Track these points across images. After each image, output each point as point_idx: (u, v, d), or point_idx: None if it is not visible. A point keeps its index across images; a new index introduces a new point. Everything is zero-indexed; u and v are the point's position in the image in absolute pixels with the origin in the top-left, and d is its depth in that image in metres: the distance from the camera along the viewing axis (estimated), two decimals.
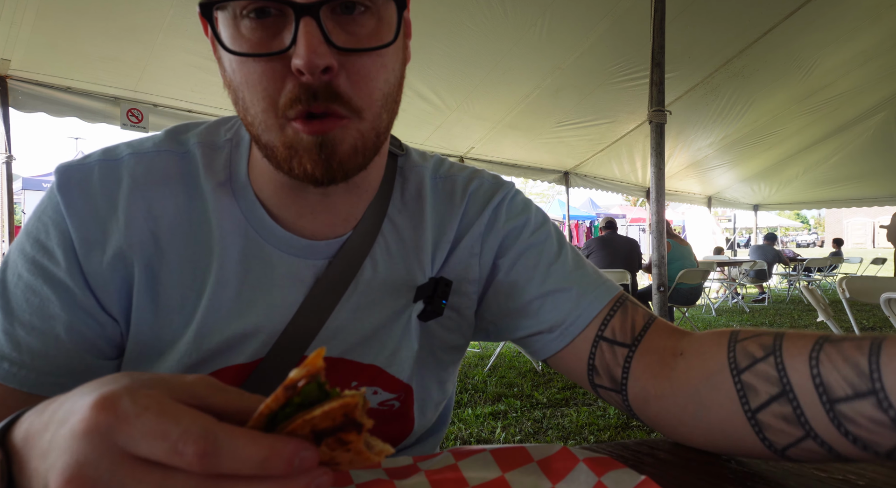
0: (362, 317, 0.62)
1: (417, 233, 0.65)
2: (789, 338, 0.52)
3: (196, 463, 0.26)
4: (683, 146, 7.06)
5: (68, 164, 0.57)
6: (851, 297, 2.46)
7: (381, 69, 0.50)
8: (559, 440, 2.96)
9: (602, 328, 0.63)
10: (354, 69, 0.48)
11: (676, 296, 5.35)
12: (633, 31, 4.06)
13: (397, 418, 0.67)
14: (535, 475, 0.49)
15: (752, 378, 0.51)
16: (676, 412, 0.57)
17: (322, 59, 0.44)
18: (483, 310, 0.69)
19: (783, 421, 0.49)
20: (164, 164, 0.59)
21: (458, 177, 0.70)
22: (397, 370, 0.64)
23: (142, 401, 0.27)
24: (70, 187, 0.56)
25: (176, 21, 3.17)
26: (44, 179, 10.49)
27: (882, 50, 5.47)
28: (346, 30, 0.47)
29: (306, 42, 0.44)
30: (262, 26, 0.47)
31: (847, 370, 0.46)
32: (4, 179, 3.41)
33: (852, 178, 8.98)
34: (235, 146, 0.62)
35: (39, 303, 0.53)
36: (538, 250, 0.68)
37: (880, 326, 6.24)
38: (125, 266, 0.56)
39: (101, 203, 0.56)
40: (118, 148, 0.60)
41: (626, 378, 0.61)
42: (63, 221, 0.54)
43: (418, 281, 0.64)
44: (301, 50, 0.44)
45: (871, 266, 10.93)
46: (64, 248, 0.54)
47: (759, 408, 0.50)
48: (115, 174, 0.57)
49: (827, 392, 0.46)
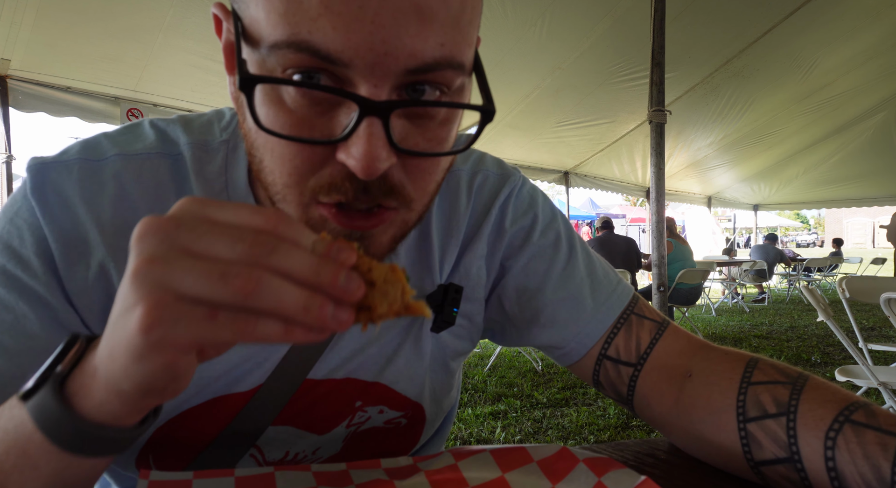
0: (368, 334, 0.58)
1: (422, 239, 0.60)
2: (807, 400, 0.49)
3: (255, 240, 0.28)
4: (683, 146, 7.06)
5: (42, 162, 0.49)
6: (851, 297, 2.46)
7: (440, 164, 0.42)
8: (559, 440, 2.95)
9: (605, 346, 0.61)
10: (413, 164, 0.40)
11: (676, 296, 5.35)
12: (633, 31, 4.06)
13: (404, 433, 0.65)
14: (535, 475, 0.49)
15: (759, 431, 0.50)
16: (679, 434, 0.57)
17: (383, 164, 0.36)
18: (488, 313, 0.66)
19: (789, 482, 0.48)
20: (154, 171, 0.51)
21: (462, 172, 0.64)
22: (405, 388, 0.61)
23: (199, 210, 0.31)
24: (45, 191, 0.47)
25: (176, 21, 3.17)
26: None
27: (882, 49, 5.47)
28: (415, 123, 0.39)
29: (368, 147, 0.35)
30: (311, 100, 0.37)
31: (866, 469, 0.43)
32: (4, 179, 3.41)
33: (852, 178, 8.98)
34: (233, 149, 0.53)
35: (13, 321, 0.46)
36: (548, 254, 0.64)
37: (880, 326, 6.24)
38: (110, 283, 0.48)
39: (82, 210, 0.48)
40: (100, 144, 0.51)
41: (632, 395, 0.60)
42: (39, 228, 0.47)
43: (427, 289, 0.60)
44: (359, 152, 0.35)
45: (871, 266, 10.92)
46: (41, 257, 0.46)
47: (764, 463, 0.49)
48: (99, 177, 0.49)
49: (839, 479, 0.45)
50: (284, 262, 0.28)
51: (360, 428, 0.61)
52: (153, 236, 0.28)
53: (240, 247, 0.28)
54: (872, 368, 2.28)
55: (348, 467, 0.51)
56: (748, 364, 0.54)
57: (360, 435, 0.62)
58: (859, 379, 2.32)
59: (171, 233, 0.28)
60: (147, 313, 0.27)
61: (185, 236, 0.28)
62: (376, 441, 0.64)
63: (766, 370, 0.53)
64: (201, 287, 0.27)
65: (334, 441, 0.61)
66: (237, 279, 0.27)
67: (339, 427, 0.60)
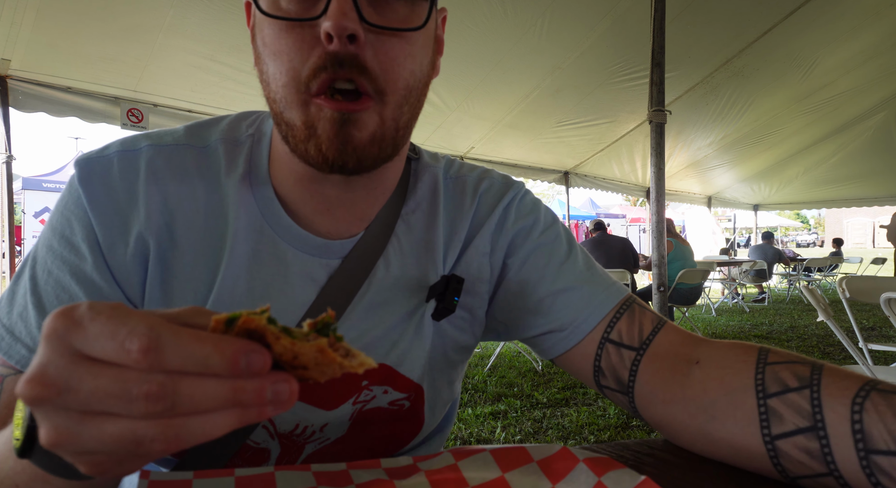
0: (374, 317, 0.62)
1: (430, 232, 0.65)
2: (830, 374, 0.50)
3: (141, 358, 0.27)
4: (683, 146, 7.06)
5: (87, 156, 0.58)
6: (851, 297, 2.46)
7: (407, 56, 0.50)
8: (559, 440, 2.96)
9: (608, 330, 0.63)
10: (383, 49, 0.49)
11: (676, 296, 5.35)
12: (633, 31, 4.06)
13: (408, 417, 0.67)
14: (535, 475, 0.49)
15: (780, 405, 0.50)
16: (683, 419, 0.57)
17: (351, 24, 0.45)
18: (494, 310, 0.70)
19: (805, 454, 0.48)
20: (182, 158, 0.59)
21: (469, 178, 0.71)
22: (408, 370, 0.64)
23: (97, 307, 0.29)
24: (91, 180, 0.56)
25: (176, 21, 3.17)
26: (44, 179, 10.47)
27: (882, 49, 5.47)
28: (378, 10, 0.49)
29: (338, 7, 0.45)
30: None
31: (895, 426, 0.44)
32: (4, 179, 3.41)
33: (852, 178, 8.98)
34: (257, 141, 0.62)
35: (69, 299, 0.54)
36: (548, 250, 0.68)
37: (880, 326, 6.24)
38: (146, 257, 0.56)
39: (122, 195, 0.56)
40: (136, 139, 0.60)
41: (633, 381, 0.61)
42: (86, 215, 0.55)
43: (431, 280, 0.64)
44: (331, 12, 0.45)
45: (871, 266, 10.93)
46: (89, 243, 0.55)
47: (781, 436, 0.50)
48: (134, 165, 0.57)
49: (865, 440, 0.45)
50: (197, 404, 0.27)
51: (365, 407, 0.63)
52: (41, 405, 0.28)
53: (138, 407, 0.27)
54: (872, 368, 2.28)
55: (348, 467, 0.51)
56: (760, 350, 0.56)
57: (365, 415, 0.64)
58: None
59: (57, 400, 0.28)
60: (46, 435, 0.28)
61: (73, 399, 0.28)
62: (382, 423, 0.65)
63: (780, 353, 0.55)
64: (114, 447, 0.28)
65: (341, 418, 0.63)
66: (155, 443, 0.27)
67: (346, 404, 0.62)
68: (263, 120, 0.65)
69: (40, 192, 10.05)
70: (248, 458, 0.62)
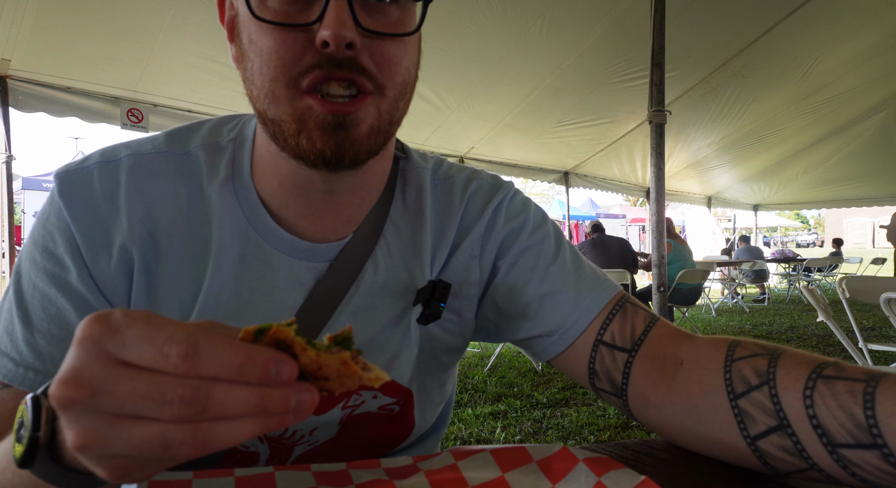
0: (362, 320, 0.61)
1: (418, 235, 0.65)
2: (783, 365, 0.50)
3: (179, 363, 0.28)
4: (683, 146, 7.06)
5: (67, 169, 0.57)
6: (851, 297, 2.46)
7: (403, 55, 0.51)
8: (559, 440, 2.96)
9: (601, 332, 0.63)
10: (378, 51, 0.49)
11: (676, 297, 5.35)
12: (632, 31, 4.05)
13: (398, 420, 0.67)
14: (535, 475, 0.49)
15: (749, 406, 0.50)
16: (676, 423, 0.57)
17: (349, 33, 0.45)
18: (483, 312, 0.69)
19: (784, 452, 0.48)
20: (163, 166, 0.58)
21: (458, 179, 0.70)
22: (397, 374, 0.63)
23: (132, 314, 0.29)
24: (71, 193, 0.55)
25: (176, 21, 3.17)
26: (44, 179, 10.48)
27: (882, 49, 5.47)
28: (373, 16, 0.49)
29: (335, 15, 0.45)
30: (291, 0, 0.47)
31: (844, 419, 0.44)
32: (4, 179, 3.41)
33: (852, 178, 8.97)
34: (239, 145, 0.61)
35: (56, 311, 0.53)
36: (536, 251, 0.67)
37: (880, 326, 6.24)
38: (130, 268, 0.56)
39: (103, 207, 0.55)
40: (116, 149, 0.59)
41: (627, 383, 0.61)
42: (67, 228, 0.54)
43: (418, 284, 0.64)
44: (329, 21, 0.45)
45: (871, 266, 10.92)
46: (72, 255, 0.54)
47: (759, 437, 0.50)
48: (115, 176, 0.57)
49: (826, 435, 0.45)
50: (227, 409, 0.29)
51: (355, 411, 0.63)
52: (77, 409, 0.29)
53: (171, 410, 0.28)
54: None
55: (348, 467, 0.51)
56: (730, 344, 0.56)
57: (354, 419, 0.63)
58: None
59: (90, 402, 0.28)
60: (76, 437, 0.29)
61: (106, 402, 0.28)
62: (371, 426, 0.65)
63: (748, 346, 0.54)
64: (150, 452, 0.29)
65: (331, 422, 0.62)
66: (183, 447, 0.28)
67: (336, 408, 0.61)
68: (245, 124, 0.64)
69: (40, 192, 10.06)
70: (236, 462, 0.62)
